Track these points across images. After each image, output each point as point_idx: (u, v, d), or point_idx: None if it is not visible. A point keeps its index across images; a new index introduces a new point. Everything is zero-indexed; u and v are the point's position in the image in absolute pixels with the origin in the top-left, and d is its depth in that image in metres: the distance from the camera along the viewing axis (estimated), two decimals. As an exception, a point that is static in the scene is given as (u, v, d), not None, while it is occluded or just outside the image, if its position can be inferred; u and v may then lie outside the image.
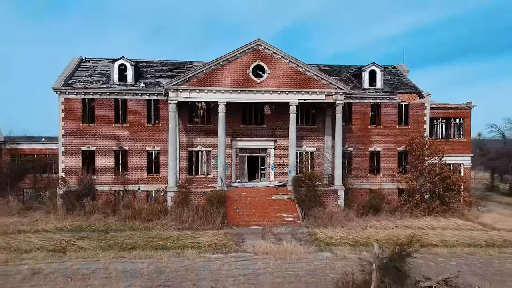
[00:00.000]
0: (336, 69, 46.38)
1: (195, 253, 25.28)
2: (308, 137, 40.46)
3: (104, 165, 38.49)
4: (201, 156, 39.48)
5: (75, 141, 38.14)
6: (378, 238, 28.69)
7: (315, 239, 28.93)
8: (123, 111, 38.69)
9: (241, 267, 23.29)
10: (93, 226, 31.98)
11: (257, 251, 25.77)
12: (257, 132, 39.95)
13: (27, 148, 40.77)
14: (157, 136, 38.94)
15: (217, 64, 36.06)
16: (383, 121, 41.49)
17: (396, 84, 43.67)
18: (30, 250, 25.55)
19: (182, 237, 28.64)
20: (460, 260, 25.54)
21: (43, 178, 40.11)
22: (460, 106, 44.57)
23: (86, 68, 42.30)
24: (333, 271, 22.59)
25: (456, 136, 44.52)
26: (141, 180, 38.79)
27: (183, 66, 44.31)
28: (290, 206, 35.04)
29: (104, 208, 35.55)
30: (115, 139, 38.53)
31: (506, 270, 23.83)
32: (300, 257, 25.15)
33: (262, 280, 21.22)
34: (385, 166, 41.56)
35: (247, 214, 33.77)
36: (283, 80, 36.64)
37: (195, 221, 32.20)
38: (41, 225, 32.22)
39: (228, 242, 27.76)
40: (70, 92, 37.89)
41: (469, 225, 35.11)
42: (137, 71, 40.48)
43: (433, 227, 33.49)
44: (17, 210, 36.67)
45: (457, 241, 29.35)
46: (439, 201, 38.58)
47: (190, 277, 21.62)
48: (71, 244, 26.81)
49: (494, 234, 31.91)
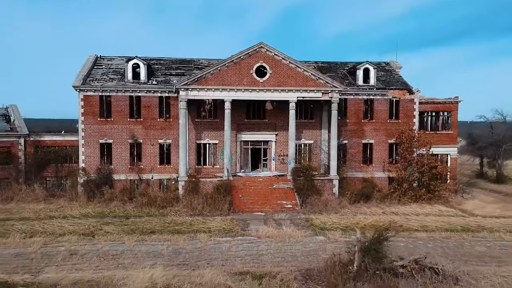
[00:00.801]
0: (333, 65, 49.78)
1: (207, 237, 29.21)
2: (306, 130, 44.13)
3: (120, 156, 42.29)
4: (208, 148, 43.25)
5: (94, 134, 41.89)
6: (366, 224, 32.65)
7: (311, 224, 32.87)
8: (137, 106, 42.32)
9: (246, 248, 27.20)
10: (114, 213, 35.96)
11: (260, 235, 29.70)
12: (260, 126, 43.62)
13: (49, 140, 44.47)
14: (168, 129, 42.64)
15: (223, 65, 39.56)
16: (376, 115, 45.09)
17: (388, 80, 47.13)
18: (64, 234, 29.50)
19: (194, 223, 32.60)
20: (436, 243, 29.42)
21: (64, 168, 43.89)
22: (447, 101, 48.10)
23: (101, 66, 45.79)
24: (325, 252, 26.44)
25: (443, 128, 48.05)
26: (154, 169, 42.62)
27: (191, 63, 47.74)
28: (290, 194, 38.92)
29: (122, 196, 39.50)
30: (130, 132, 42.25)
31: (474, 252, 27.68)
32: (297, 240, 29.08)
33: (265, 260, 25.10)
34: (377, 157, 45.30)
35: (250, 202, 37.67)
36: (283, 79, 40.17)
37: (205, 208, 36.11)
38: (68, 211, 36.20)
39: (235, 227, 31.72)
40: (89, 90, 41.50)
41: (450, 211, 39.02)
42: (149, 69, 43.97)
43: (417, 213, 37.42)
44: (42, 197, 40.58)
45: (436, 226, 33.24)
46: (425, 189, 42.39)
47: (204, 257, 25.51)
48: (98, 228, 30.76)
49: (471, 220, 35.79)
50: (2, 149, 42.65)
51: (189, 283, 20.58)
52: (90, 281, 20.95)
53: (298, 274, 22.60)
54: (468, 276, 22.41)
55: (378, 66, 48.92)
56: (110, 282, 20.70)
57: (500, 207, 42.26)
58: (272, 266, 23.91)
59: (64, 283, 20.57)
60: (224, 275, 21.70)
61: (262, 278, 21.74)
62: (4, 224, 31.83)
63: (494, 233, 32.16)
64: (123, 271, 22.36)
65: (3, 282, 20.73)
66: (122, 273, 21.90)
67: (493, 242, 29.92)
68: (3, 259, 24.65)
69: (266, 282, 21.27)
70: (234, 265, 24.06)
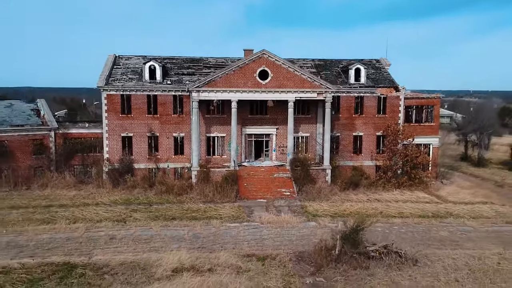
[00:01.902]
0: (328, 63, 55.06)
1: (219, 223, 35.43)
2: (303, 124, 49.87)
3: (140, 148, 48.22)
4: (216, 141, 49.11)
5: (116, 129, 47.70)
6: (351, 211, 38.83)
7: (305, 211, 39.06)
8: (154, 104, 47.97)
9: (252, 233, 33.40)
10: (138, 200, 42.15)
11: (263, 221, 35.90)
12: (262, 121, 49.35)
13: (76, 132, 50.27)
14: (181, 124, 48.41)
15: (231, 70, 45.01)
16: (365, 110, 50.71)
17: (378, 78, 52.53)
18: (100, 220, 35.70)
19: (207, 210, 38.80)
20: (408, 228, 35.59)
21: (89, 157, 49.82)
22: (430, 96, 53.71)
23: (120, 65, 51.14)
24: (315, 236, 32.54)
25: (427, 120, 53.67)
26: (169, 159, 48.62)
27: (200, 62, 53.06)
28: (288, 183, 45.01)
29: (143, 183, 45.62)
30: (148, 127, 48.04)
31: (438, 237, 33.82)
32: (294, 225, 35.27)
33: (267, 244, 31.29)
34: (366, 147, 51.20)
35: (254, 190, 43.80)
36: (283, 82, 45.69)
37: (215, 195, 42.26)
38: (98, 198, 42.38)
39: (242, 214, 37.92)
40: (111, 89, 47.08)
41: (427, 198, 45.17)
42: (164, 69, 49.34)
43: (397, 200, 43.55)
44: (72, 184, 46.74)
45: (411, 213, 39.40)
46: (407, 177, 48.44)
47: (218, 241, 31.71)
48: (128, 215, 36.97)
49: (442, 206, 41.93)
50: (36, 141, 48.42)
51: (209, 264, 26.78)
52: (132, 262, 27.18)
53: (293, 256, 28.82)
54: (426, 259, 28.59)
55: (369, 64, 54.32)
56: (148, 263, 26.93)
57: (472, 193, 48.32)
58: (273, 249, 30.11)
59: (113, 264, 26.79)
60: (235, 257, 27.92)
61: (265, 260, 27.96)
62: (48, 211, 38.04)
63: (459, 219, 38.36)
64: (155, 254, 28.59)
65: (67, 263, 26.96)
66: (155, 255, 28.14)
67: (456, 228, 36.07)
68: (58, 243, 30.86)
69: (268, 263, 27.48)
70: (242, 248, 30.26)
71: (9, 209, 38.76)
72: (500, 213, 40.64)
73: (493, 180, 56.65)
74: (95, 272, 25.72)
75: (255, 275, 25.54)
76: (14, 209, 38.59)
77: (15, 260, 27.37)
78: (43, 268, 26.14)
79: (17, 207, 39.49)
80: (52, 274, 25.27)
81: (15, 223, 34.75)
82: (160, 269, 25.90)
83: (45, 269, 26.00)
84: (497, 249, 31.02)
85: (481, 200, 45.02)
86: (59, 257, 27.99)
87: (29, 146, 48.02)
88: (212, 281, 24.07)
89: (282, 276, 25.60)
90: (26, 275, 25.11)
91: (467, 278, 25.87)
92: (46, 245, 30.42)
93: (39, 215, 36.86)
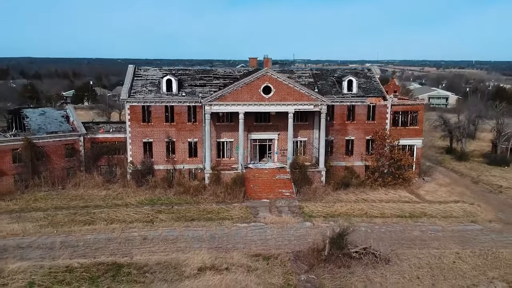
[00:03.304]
0: (324, 72, 61.61)
1: (230, 223, 42.83)
2: (301, 130, 56.79)
3: (159, 151, 55.30)
4: (226, 145, 56.17)
5: (138, 135, 54.70)
6: (341, 212, 46.19)
7: (302, 211, 46.42)
8: (171, 113, 54.79)
9: (258, 234, 40.80)
10: (160, 200, 49.51)
11: (267, 222, 43.28)
12: (266, 128, 56.28)
13: (102, 137, 57.25)
14: (195, 131, 55.34)
15: (238, 86, 51.70)
16: (356, 117, 57.54)
17: (368, 88, 59.12)
18: (132, 221, 43.10)
19: (220, 211, 46.18)
20: (387, 228, 42.96)
21: (114, 158, 56.95)
22: (415, 103, 60.50)
23: (140, 76, 57.69)
24: (310, 236, 39.97)
25: (411, 124, 60.46)
26: (184, 161, 55.76)
27: (210, 73, 59.59)
28: (288, 184, 52.27)
29: (163, 183, 52.90)
30: (166, 133, 55.00)
31: (411, 236, 41.14)
32: (292, 226, 42.67)
33: (270, 244, 38.62)
34: (357, 149, 58.25)
35: (259, 190, 51.10)
36: (284, 96, 52.40)
37: (226, 196, 49.61)
38: (126, 198, 49.75)
39: (249, 215, 45.29)
40: (134, 101, 53.87)
41: (407, 197, 52.46)
42: (179, 82, 55.94)
43: (381, 200, 50.85)
44: (101, 183, 54.05)
45: (391, 213, 46.73)
46: (391, 177, 55.66)
47: (230, 241, 39.09)
48: (154, 216, 44.33)
49: (419, 206, 49.18)
50: (68, 146, 55.44)
51: (225, 263, 34.23)
52: (165, 262, 34.62)
53: (291, 256, 36.23)
54: (397, 258, 36.01)
55: (361, 73, 60.88)
56: (178, 263, 34.36)
57: (448, 191, 55.64)
58: (275, 249, 37.52)
59: (151, 264, 34.25)
60: (245, 257, 35.38)
61: (269, 259, 35.40)
62: (87, 212, 45.43)
63: (432, 218, 45.72)
64: (182, 254, 36.00)
65: (114, 263, 34.40)
66: (182, 256, 35.58)
67: (427, 227, 43.41)
68: (102, 243, 38.27)
69: (271, 262, 34.93)
70: (251, 248, 37.67)
71: (53, 209, 46.14)
72: (468, 212, 47.96)
73: (470, 176, 63.82)
74: (137, 271, 33.19)
75: (262, 273, 33.00)
76: (58, 210, 45.98)
77: (74, 259, 34.82)
78: (97, 267, 33.59)
79: (60, 207, 46.89)
80: (105, 273, 32.74)
81: (63, 224, 42.15)
82: (188, 268, 33.37)
83: (99, 268, 33.46)
84: (457, 248, 38.43)
85: (454, 199, 52.32)
86: (106, 257, 35.44)
87: (62, 150, 55.06)
88: (229, 279, 31.57)
89: (283, 274, 33.09)
90: (86, 273, 32.60)
91: (426, 275, 33.35)
92: (92, 245, 37.85)
93: (80, 216, 44.23)
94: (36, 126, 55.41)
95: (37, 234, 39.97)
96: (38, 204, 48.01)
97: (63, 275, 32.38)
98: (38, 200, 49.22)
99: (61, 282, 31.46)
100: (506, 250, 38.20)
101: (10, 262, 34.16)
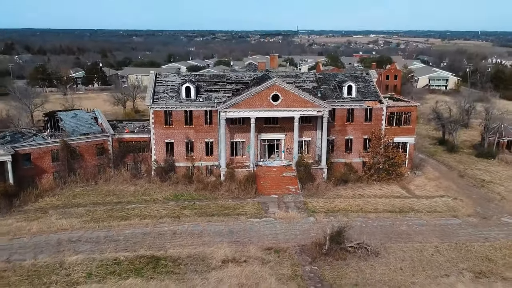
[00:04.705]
0: (327, 77, 68.04)
1: (245, 218, 50.22)
2: (306, 131, 63.66)
3: (179, 150, 62.43)
4: (238, 144, 63.19)
5: (161, 136, 61.73)
6: (340, 208, 53.43)
7: (306, 207, 53.73)
8: (190, 117, 61.65)
9: (269, 228, 48.17)
10: (183, 196, 56.84)
11: (276, 217, 50.64)
12: (274, 129, 63.17)
13: (128, 137, 64.27)
14: (211, 132, 62.30)
15: (250, 95, 58.34)
16: (355, 119, 64.29)
17: (366, 92, 65.65)
18: (161, 217, 50.50)
19: (236, 206, 53.52)
20: (379, 223, 50.27)
21: (139, 156, 64.11)
22: (408, 105, 67.07)
23: (161, 82, 64.30)
24: (313, 231, 47.37)
25: (405, 124, 67.17)
26: (202, 159, 62.93)
27: (223, 78, 66.12)
28: (293, 180, 59.49)
29: (184, 180, 60.17)
30: (185, 134, 62.00)
31: (398, 230, 48.44)
32: (298, 221, 50.02)
33: (280, 238, 45.99)
34: (355, 148, 65.22)
35: (268, 186, 58.39)
36: (290, 103, 59.08)
37: (240, 192, 56.91)
38: (153, 194, 57.09)
39: (260, 210, 52.64)
40: (157, 107, 60.69)
41: (399, 192, 59.64)
42: (197, 88, 62.57)
43: (376, 195, 58.06)
44: (128, 178, 61.36)
45: (384, 208, 53.95)
46: (386, 173, 62.78)
47: (246, 235, 46.45)
48: (180, 212, 51.70)
49: (408, 201, 56.33)
50: (98, 145, 62.49)
51: (243, 256, 41.73)
52: (194, 254, 42.15)
53: (297, 249, 43.71)
54: (385, 251, 43.44)
55: (360, 77, 67.27)
56: (205, 256, 41.83)
57: (436, 185, 62.73)
58: (284, 243, 44.96)
59: (183, 256, 41.75)
60: (260, 250, 42.86)
61: (279, 252, 42.89)
62: (122, 208, 52.77)
63: (418, 213, 52.93)
64: (207, 248, 43.46)
65: (153, 256, 41.90)
66: (208, 249, 43.06)
67: (413, 222, 50.65)
68: (138, 238, 45.71)
69: (281, 255, 42.43)
70: (264, 242, 45.06)
71: (92, 205, 53.54)
72: (450, 207, 55.13)
73: (457, 169, 70.76)
74: (173, 263, 40.72)
75: (274, 265, 40.51)
76: (96, 206, 53.37)
77: (119, 253, 42.35)
78: (140, 260, 41.11)
79: (97, 203, 54.29)
80: (147, 265, 40.28)
81: (103, 220, 49.59)
82: (213, 260, 40.90)
83: (141, 260, 40.99)
84: (436, 241, 45.76)
85: (440, 194, 59.44)
86: (145, 250, 42.93)
87: (94, 149, 62.17)
88: (248, 270, 39.09)
89: (291, 265, 40.59)
90: (131, 265, 40.16)
91: (408, 267, 40.78)
92: (131, 239, 45.33)
93: (116, 212, 51.61)
94: (70, 128, 62.43)
95: (83, 229, 47.43)
96: (78, 200, 55.35)
97: (113, 267, 39.93)
98: (77, 196, 56.55)
99: (113, 273, 39.00)
100: (477, 243, 45.52)
101: (67, 255, 41.73)
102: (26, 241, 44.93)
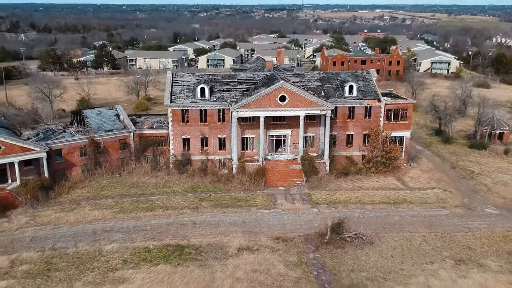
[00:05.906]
0: (330, 76, 73.58)
1: (255, 210, 56.67)
2: (310, 127, 69.59)
3: (195, 145, 68.64)
4: (248, 140, 69.32)
5: (178, 133, 67.88)
6: (340, 200, 59.77)
7: (310, 199, 60.11)
8: (204, 115, 67.65)
9: (277, 219, 54.55)
10: (200, 188, 63.26)
11: (283, 208, 57.07)
12: (281, 126, 69.14)
13: (148, 132, 70.43)
14: (224, 129, 68.37)
15: (260, 96, 64.14)
16: (356, 116, 70.12)
17: (366, 91, 71.24)
18: (182, 208, 56.98)
19: (247, 198, 59.94)
20: (375, 214, 56.58)
21: (158, 150, 70.38)
22: (405, 102, 72.75)
23: (178, 82, 70.07)
24: (317, 221, 53.79)
25: (402, 119, 72.89)
26: (215, 153, 69.19)
27: (235, 78, 71.76)
28: (299, 173, 65.77)
29: (199, 172, 66.56)
30: (200, 131, 68.12)
31: (392, 221, 54.69)
32: (303, 212, 56.44)
33: (287, 228, 52.39)
34: (355, 142, 71.24)
35: (276, 179, 64.72)
36: (296, 103, 64.89)
37: (250, 184, 63.28)
38: (173, 186, 63.48)
39: (269, 202, 59.06)
40: (174, 106, 66.68)
41: (394, 184, 65.79)
42: (211, 88, 68.35)
43: (373, 187, 64.26)
44: (149, 170, 67.77)
45: (380, 200, 60.22)
46: (383, 165, 68.92)
47: (257, 225, 52.89)
48: (198, 204, 58.19)
49: (402, 193, 62.53)
50: (121, 141, 68.69)
51: (256, 245, 48.30)
52: (213, 243, 48.69)
53: (302, 238, 50.23)
54: (379, 240, 49.88)
55: (361, 76, 72.80)
56: (223, 244, 48.36)
57: (429, 177, 68.79)
58: (290, 232, 51.41)
59: (204, 245, 48.29)
60: (270, 240, 49.42)
61: (287, 241, 49.43)
62: (146, 199, 59.26)
63: (410, 205, 59.18)
64: (224, 237, 49.96)
65: (177, 244, 48.49)
66: (225, 239, 49.57)
67: (406, 213, 56.94)
68: (163, 228, 52.25)
69: (289, 244, 48.96)
70: (273, 232, 51.57)
71: (119, 197, 60.04)
72: (440, 198, 61.31)
73: (450, 161, 76.60)
74: (195, 251, 47.35)
75: (282, 253, 47.08)
76: (122, 197, 59.81)
77: (148, 241, 48.99)
78: (167, 248, 47.71)
79: (123, 195, 60.76)
80: (173, 253, 46.92)
81: (130, 211, 56.14)
82: (230, 249, 47.49)
83: (168, 249, 47.60)
84: (424, 231, 52.08)
85: (431, 186, 65.55)
86: (170, 239, 49.52)
87: (117, 144, 68.41)
88: (260, 257, 45.71)
89: (297, 253, 47.15)
90: (160, 253, 46.84)
91: (398, 255, 47.25)
92: (157, 229, 51.89)
93: (142, 203, 58.07)
94: (95, 125, 68.59)
95: (114, 220, 53.99)
96: (106, 191, 61.86)
97: (144, 254, 46.59)
98: (104, 188, 63.04)
99: (144, 260, 45.68)
100: (461, 233, 51.81)
101: (103, 244, 48.39)
102: (65, 230, 51.56)
